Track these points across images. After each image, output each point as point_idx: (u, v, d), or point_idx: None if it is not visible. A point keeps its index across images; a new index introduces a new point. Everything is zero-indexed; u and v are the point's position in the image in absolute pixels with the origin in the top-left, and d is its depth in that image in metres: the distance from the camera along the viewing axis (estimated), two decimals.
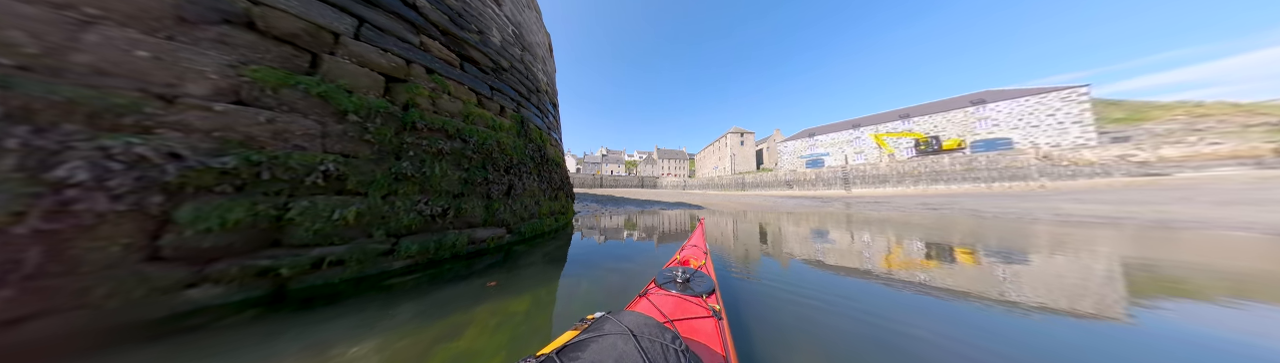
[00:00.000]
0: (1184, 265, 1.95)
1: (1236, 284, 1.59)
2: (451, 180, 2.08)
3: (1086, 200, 7.24)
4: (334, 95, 1.56)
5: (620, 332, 0.45)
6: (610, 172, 47.71)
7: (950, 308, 1.24)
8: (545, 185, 3.42)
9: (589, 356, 0.41)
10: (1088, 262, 2.06)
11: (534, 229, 2.93)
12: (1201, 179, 10.53)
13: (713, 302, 0.83)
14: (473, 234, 2.17)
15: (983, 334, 1.00)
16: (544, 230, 3.17)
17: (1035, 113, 16.07)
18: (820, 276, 1.73)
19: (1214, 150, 11.67)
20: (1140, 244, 2.73)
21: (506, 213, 2.53)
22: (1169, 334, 1.04)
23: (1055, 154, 13.31)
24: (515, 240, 2.64)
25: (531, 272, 1.80)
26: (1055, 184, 12.48)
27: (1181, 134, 13.12)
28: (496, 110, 2.78)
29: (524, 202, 2.82)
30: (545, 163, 3.50)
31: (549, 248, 2.49)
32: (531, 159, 3.13)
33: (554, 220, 3.54)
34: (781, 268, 1.95)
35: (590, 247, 2.69)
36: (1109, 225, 3.52)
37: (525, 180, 2.85)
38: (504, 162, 2.60)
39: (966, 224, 3.69)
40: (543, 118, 3.98)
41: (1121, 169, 12.18)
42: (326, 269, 1.44)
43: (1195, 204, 5.36)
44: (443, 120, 2.10)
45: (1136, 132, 14.59)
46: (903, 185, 16.68)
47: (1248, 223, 3.58)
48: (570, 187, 5.23)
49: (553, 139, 4.41)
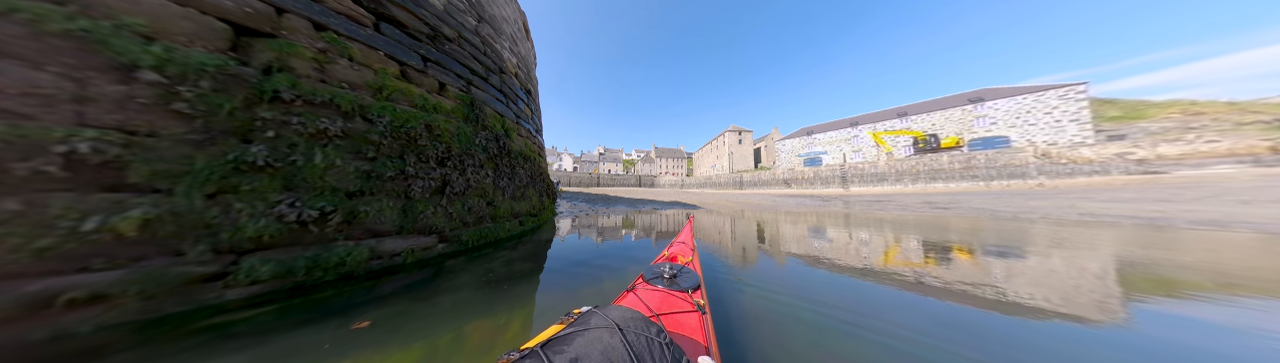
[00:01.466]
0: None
1: None
2: (344, 174, 1.53)
3: (1097, 199, 6.86)
4: (109, 39, 1.00)
5: (606, 325, 0.45)
6: (608, 170, 47.19)
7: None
8: (507, 182, 2.87)
9: (575, 349, 0.40)
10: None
11: (484, 236, 2.38)
12: (1201, 177, 10.37)
13: (698, 297, 0.84)
14: (377, 246, 1.61)
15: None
16: (501, 237, 2.63)
17: (1033, 111, 15.91)
18: (844, 293, 1.26)
19: (1212, 148, 11.71)
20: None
21: (438, 217, 1.98)
22: None
23: (1053, 152, 13.16)
24: (452, 251, 2.09)
25: (448, 302, 1.27)
26: (1053, 182, 12.33)
27: (1178, 132, 13.08)
28: (433, 88, 2.22)
29: (469, 202, 2.27)
30: (506, 155, 2.95)
31: (497, 262, 1.94)
32: (484, 150, 2.57)
33: (518, 224, 3.00)
34: (778, 267, 1.89)
35: (562, 256, 2.18)
36: (1159, 227, 2.91)
37: (471, 175, 2.30)
38: (436, 151, 2.04)
39: (1004, 227, 3.12)
40: (508, 104, 3.41)
41: (1120, 167, 12.13)
42: (71, 310, 0.90)
43: (1223, 203, 4.98)
44: (334, 92, 1.55)
45: (1132, 130, 14.50)
46: (901, 184, 16.46)
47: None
48: (549, 185, 4.69)
49: (525, 130, 3.85)
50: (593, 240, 2.86)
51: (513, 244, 2.48)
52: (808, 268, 1.82)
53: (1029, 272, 1.70)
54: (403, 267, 1.72)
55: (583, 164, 47.21)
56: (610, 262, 2.02)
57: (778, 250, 2.33)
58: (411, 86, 2.01)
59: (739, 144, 37.22)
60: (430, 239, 1.92)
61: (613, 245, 2.64)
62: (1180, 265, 1.78)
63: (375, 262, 1.61)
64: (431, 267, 1.77)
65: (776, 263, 1.98)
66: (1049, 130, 15.31)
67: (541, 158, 4.66)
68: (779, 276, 1.68)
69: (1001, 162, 13.74)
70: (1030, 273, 1.68)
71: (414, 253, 1.81)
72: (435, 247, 1.96)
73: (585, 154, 50.11)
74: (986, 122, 17.47)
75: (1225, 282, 1.49)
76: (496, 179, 2.68)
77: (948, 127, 18.99)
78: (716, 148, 39.45)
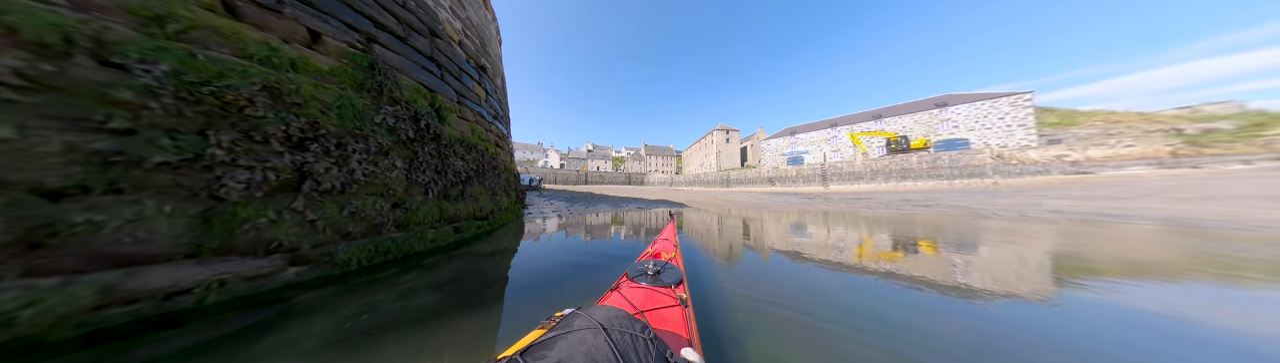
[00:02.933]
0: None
1: None
2: (30, 154, 0.83)
3: (1052, 196, 7.16)
4: None
5: (590, 327, 0.44)
6: (597, 168, 46.07)
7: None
8: (433, 177, 2.19)
9: (557, 353, 0.39)
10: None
11: (383, 251, 1.70)
12: (1122, 177, 11.84)
13: (681, 291, 0.85)
14: (122, 282, 0.93)
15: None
16: (418, 251, 1.96)
17: (989, 116, 17.33)
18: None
19: (1129, 152, 13.53)
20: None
21: (286, 227, 1.30)
22: None
23: (1006, 154, 14.56)
24: (318, 277, 1.41)
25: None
26: (1006, 181, 13.55)
27: (1102, 138, 14.49)
28: (295, 35, 1.51)
29: (354, 204, 1.58)
30: (435, 142, 2.26)
31: (392, 292, 1.29)
32: (391, 132, 1.87)
33: (452, 232, 2.34)
34: (763, 263, 1.88)
35: (524, 267, 1.61)
36: (1135, 224, 2.75)
37: (360, 166, 1.62)
38: (286, 127, 1.34)
39: (989, 226, 2.84)
40: (444, 77, 2.69)
41: (1058, 168, 13.55)
42: None
43: (1164, 200, 5.40)
44: (24, 7, 0.83)
45: (1067, 135, 15.84)
46: (876, 182, 17.41)
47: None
48: (512, 181, 3.98)
49: (471, 113, 3.13)
50: (551, 246, 2.25)
51: (435, 261, 1.82)
52: (801, 267, 1.79)
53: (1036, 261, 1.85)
54: (201, 310, 1.05)
55: (571, 161, 45.73)
56: (585, 271, 1.63)
57: (771, 250, 2.26)
58: (241, 26, 1.30)
59: (727, 143, 37.72)
60: (267, 262, 1.25)
61: (589, 251, 2.08)
62: (1103, 254, 2.02)
63: (114, 310, 0.93)
64: (268, 306, 1.12)
65: (761, 258, 2.00)
66: (1002, 134, 16.77)
67: (501, 149, 3.94)
68: (763, 272, 1.70)
69: (963, 162, 15.00)
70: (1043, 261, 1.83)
71: (222, 287, 1.13)
72: (279, 273, 1.28)
73: (573, 151, 48.54)
74: (950, 125, 18.79)
75: (1130, 267, 1.73)
76: (413, 172, 1.99)
77: (916, 129, 20.16)
78: (705, 146, 39.72)
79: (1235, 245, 2.26)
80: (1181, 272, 1.63)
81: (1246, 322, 1.04)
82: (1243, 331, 0.98)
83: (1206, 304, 1.19)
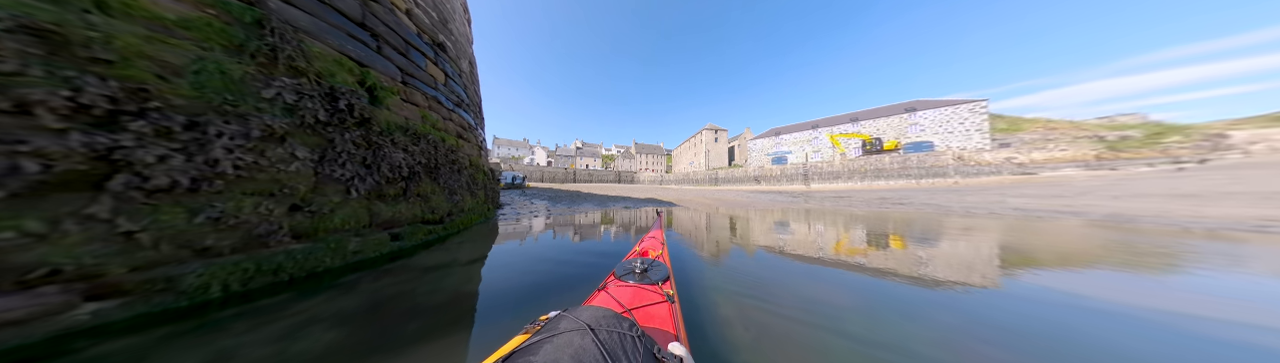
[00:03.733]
0: None
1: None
2: None
3: (1011, 194, 7.61)
4: None
5: (577, 328, 0.44)
6: (585, 166, 45.04)
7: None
8: (358, 172, 1.75)
9: (543, 357, 0.38)
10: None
11: (266, 271, 1.27)
12: (1057, 177, 13.30)
13: (667, 288, 0.86)
14: None
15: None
16: (326, 267, 1.51)
17: (951, 121, 18.92)
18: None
19: (1063, 155, 15.43)
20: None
21: (50, 246, 0.85)
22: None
23: (965, 156, 16.08)
24: (150, 314, 0.97)
25: None
26: (966, 181, 14.77)
27: (1042, 142, 16.34)
28: None
29: (214, 208, 1.13)
30: (363, 128, 1.80)
31: (267, 332, 0.90)
32: (288, 111, 1.42)
33: (387, 239, 1.90)
34: (748, 259, 1.97)
35: (423, 303, 1.13)
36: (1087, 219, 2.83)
37: (225, 154, 1.16)
38: (70, 90, 0.89)
39: (971, 223, 2.85)
40: (385, 52, 2.22)
41: (1008, 169, 15.04)
42: None
43: (1100, 198, 5.96)
44: None
45: (1014, 139, 17.47)
46: (852, 181, 18.41)
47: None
48: (479, 178, 3.52)
49: (428, 99, 2.67)
50: (545, 249, 1.92)
51: (356, 279, 1.40)
52: (784, 262, 1.83)
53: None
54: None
55: (558, 159, 44.33)
56: (566, 280, 1.43)
57: (757, 247, 2.30)
58: None
59: (715, 142, 38.27)
60: (31, 298, 0.81)
61: (569, 259, 1.74)
62: (1040, 246, 2.28)
63: None
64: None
65: (746, 254, 2.04)
66: (961, 137, 18.42)
67: (466, 141, 3.46)
68: (748, 267, 1.73)
69: (929, 163, 16.24)
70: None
71: None
72: (64, 313, 0.84)
73: (561, 148, 47.09)
74: (917, 129, 20.23)
75: (1063, 257, 1.96)
76: (325, 165, 1.55)
77: (888, 131, 21.45)
78: (694, 145, 40.04)
79: (1152, 239, 2.53)
80: (1099, 260, 1.88)
81: (1138, 299, 1.25)
82: (1136, 305, 1.18)
83: (1111, 286, 1.43)
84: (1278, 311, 1.16)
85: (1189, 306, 1.18)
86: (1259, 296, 1.32)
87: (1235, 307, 1.17)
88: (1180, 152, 14.83)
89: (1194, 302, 1.22)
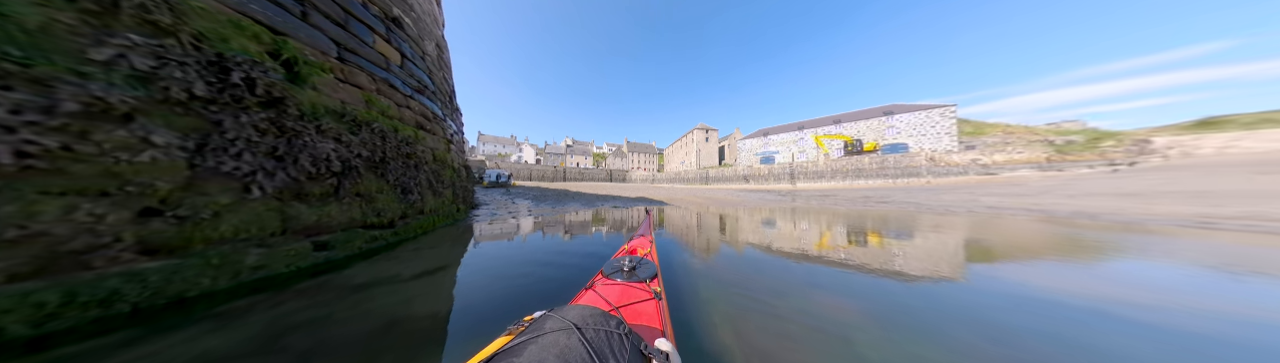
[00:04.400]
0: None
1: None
2: None
3: (979, 193, 8.03)
4: None
5: (563, 327, 0.43)
6: (576, 164, 44.08)
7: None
8: (264, 165, 1.37)
9: (527, 358, 0.37)
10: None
11: (86, 303, 0.88)
12: (1016, 177, 14.44)
13: (655, 285, 0.86)
14: None
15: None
16: (202, 291, 1.14)
17: (923, 124, 20.21)
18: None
19: (1020, 157, 16.74)
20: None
21: None
22: None
23: (936, 157, 17.33)
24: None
25: None
26: (937, 180, 15.77)
27: (1001, 145, 17.69)
28: None
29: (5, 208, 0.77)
30: (275, 110, 1.42)
31: None
32: (140, 80, 1.04)
33: (307, 250, 1.51)
34: (738, 257, 2.10)
35: (338, 334, 0.82)
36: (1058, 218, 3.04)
37: (9, 136, 0.79)
38: None
39: (949, 221, 2.85)
40: (312, 19, 1.83)
41: (973, 170, 16.22)
42: None
43: (1058, 197, 6.30)
44: None
45: (978, 142, 18.78)
46: (835, 180, 19.31)
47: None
48: (438, 174, 3.12)
49: (377, 82, 2.29)
50: (519, 255, 1.62)
51: (247, 305, 1.05)
52: (771, 259, 1.89)
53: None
54: None
55: (548, 157, 43.13)
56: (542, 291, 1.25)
57: (745, 245, 2.35)
58: None
59: (706, 142, 38.64)
60: None
61: (540, 272, 1.42)
62: (999, 241, 2.46)
63: None
64: None
65: (736, 252, 2.07)
66: (933, 140, 19.72)
67: (430, 133, 3.07)
68: (736, 265, 1.78)
69: (905, 164, 17.36)
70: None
71: None
72: None
73: (551, 146, 45.79)
74: (894, 131, 21.42)
75: (1019, 249, 2.13)
76: (210, 156, 1.17)
77: (868, 133, 22.62)
78: (686, 145, 40.23)
79: (1100, 234, 2.66)
80: (1048, 252, 2.04)
81: (1070, 287, 1.34)
82: (1068, 292, 1.27)
83: (1054, 276, 1.53)
84: (1176, 295, 1.27)
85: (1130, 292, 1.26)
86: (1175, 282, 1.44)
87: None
88: (1114, 155, 16.47)
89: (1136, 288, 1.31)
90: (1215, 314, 1.06)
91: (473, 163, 25.91)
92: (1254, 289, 1.35)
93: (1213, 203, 4.58)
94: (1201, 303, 1.16)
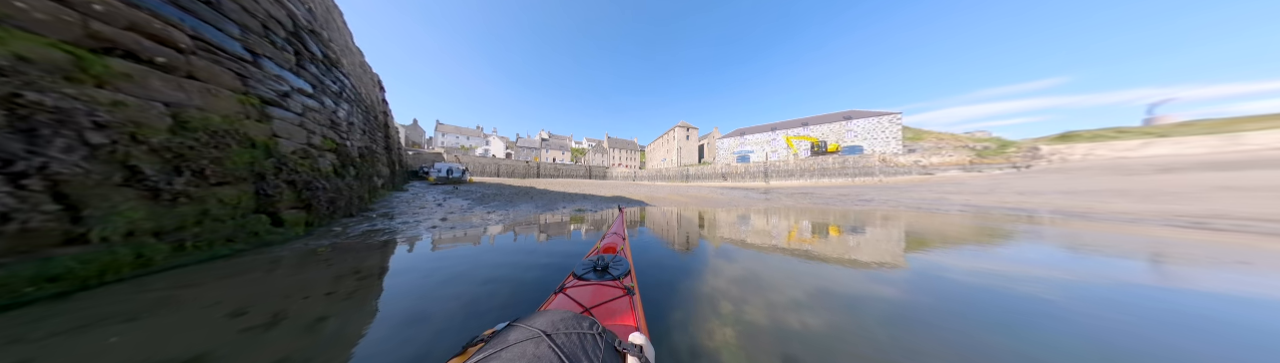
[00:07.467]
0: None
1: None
2: None
3: (941, 192, 8.56)
4: None
5: (531, 337, 0.43)
6: (552, 159, 41.13)
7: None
8: None
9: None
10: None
11: None
12: (949, 177, 16.36)
13: (628, 281, 0.90)
14: None
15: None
16: None
17: (875, 129, 22.65)
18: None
19: (950, 160, 19.39)
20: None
21: None
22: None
23: (887, 159, 19.64)
24: None
25: None
26: (888, 179, 17.32)
27: (935, 149, 20.93)
28: None
29: None
30: None
31: None
32: None
33: None
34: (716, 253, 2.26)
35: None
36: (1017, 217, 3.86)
37: None
38: None
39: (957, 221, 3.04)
40: None
41: (916, 170, 18.20)
42: None
43: (1007, 194, 7.06)
44: None
45: (918, 146, 22.05)
46: (804, 178, 20.56)
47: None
48: (215, 161, 1.82)
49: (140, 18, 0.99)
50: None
51: None
52: (751, 254, 2.10)
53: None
54: None
55: (520, 150, 39.56)
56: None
57: (724, 242, 2.54)
58: None
59: (687, 140, 38.59)
60: None
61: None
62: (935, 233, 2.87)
63: None
64: None
65: (712, 248, 2.28)
66: (883, 143, 22.15)
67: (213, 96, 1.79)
68: (717, 261, 1.90)
69: (862, 164, 19.15)
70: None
71: None
72: None
73: (523, 139, 42.13)
74: (852, 134, 23.73)
75: (950, 239, 2.56)
76: None
77: (830, 136, 24.79)
78: (667, 142, 39.84)
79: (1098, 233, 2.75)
80: (980, 240, 2.43)
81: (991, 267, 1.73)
82: (989, 272, 1.61)
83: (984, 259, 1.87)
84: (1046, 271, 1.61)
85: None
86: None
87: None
88: (1016, 159, 20.20)
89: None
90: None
91: (427, 155, 22.62)
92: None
93: (1165, 202, 4.91)
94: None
